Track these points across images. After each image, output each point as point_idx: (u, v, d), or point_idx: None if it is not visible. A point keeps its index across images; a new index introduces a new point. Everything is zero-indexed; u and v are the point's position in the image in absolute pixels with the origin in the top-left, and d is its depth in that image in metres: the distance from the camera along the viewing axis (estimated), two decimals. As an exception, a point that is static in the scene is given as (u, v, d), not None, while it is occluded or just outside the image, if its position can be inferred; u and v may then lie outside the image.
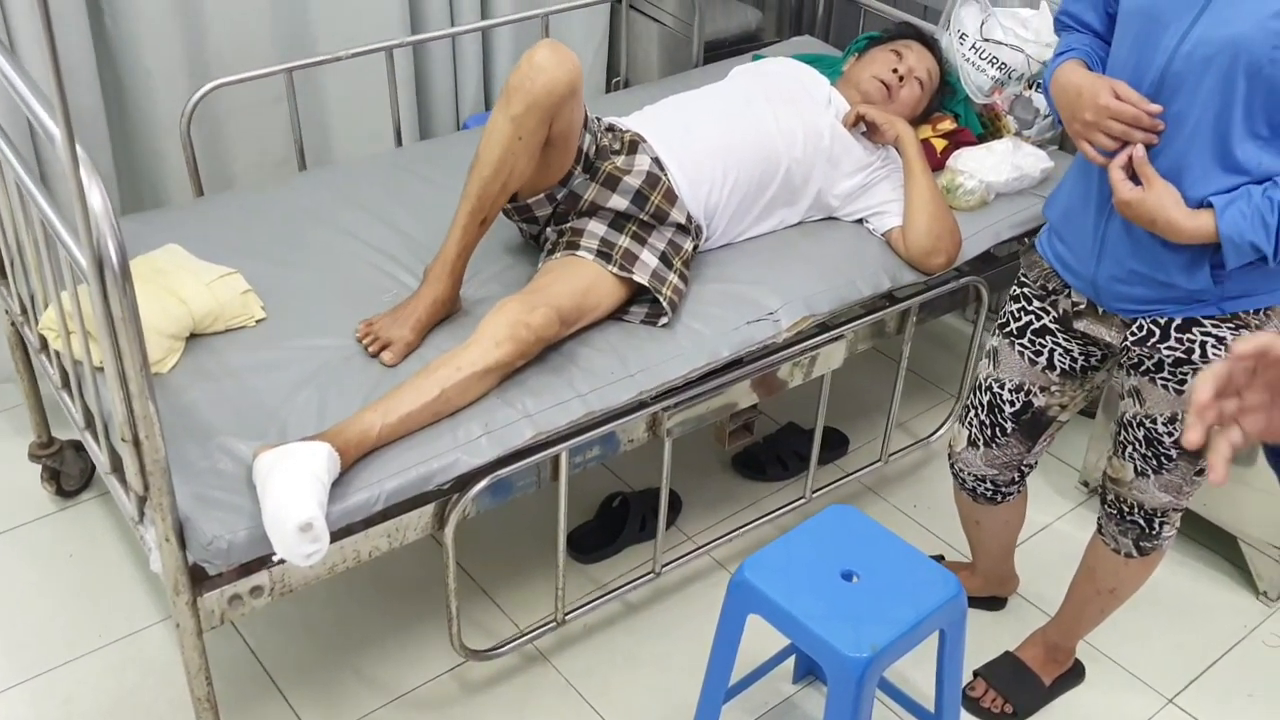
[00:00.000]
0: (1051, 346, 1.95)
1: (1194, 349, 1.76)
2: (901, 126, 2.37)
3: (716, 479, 2.73)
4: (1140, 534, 2.00)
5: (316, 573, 1.82)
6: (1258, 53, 1.52)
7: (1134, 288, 1.77)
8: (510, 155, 1.99)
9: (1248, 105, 1.57)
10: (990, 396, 2.05)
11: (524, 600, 2.39)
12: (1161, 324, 1.78)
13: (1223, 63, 1.55)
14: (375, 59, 2.69)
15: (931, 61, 2.55)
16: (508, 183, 2.02)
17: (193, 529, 1.68)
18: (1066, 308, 1.90)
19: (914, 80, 2.50)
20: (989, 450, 2.09)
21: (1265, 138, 1.59)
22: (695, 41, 3.14)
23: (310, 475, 1.64)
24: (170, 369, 1.95)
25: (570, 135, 2.09)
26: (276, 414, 1.88)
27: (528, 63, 1.96)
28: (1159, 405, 1.85)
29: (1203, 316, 1.75)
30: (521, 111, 1.96)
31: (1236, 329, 1.73)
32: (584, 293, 2.05)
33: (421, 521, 1.90)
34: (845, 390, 2.79)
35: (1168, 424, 1.85)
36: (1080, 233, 1.82)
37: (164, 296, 1.97)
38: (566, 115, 2.03)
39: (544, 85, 1.95)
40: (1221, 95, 1.57)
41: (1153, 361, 1.82)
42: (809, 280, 2.27)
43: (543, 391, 1.97)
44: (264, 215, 2.36)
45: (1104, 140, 1.66)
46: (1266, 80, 1.54)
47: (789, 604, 1.76)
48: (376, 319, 2.05)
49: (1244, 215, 1.58)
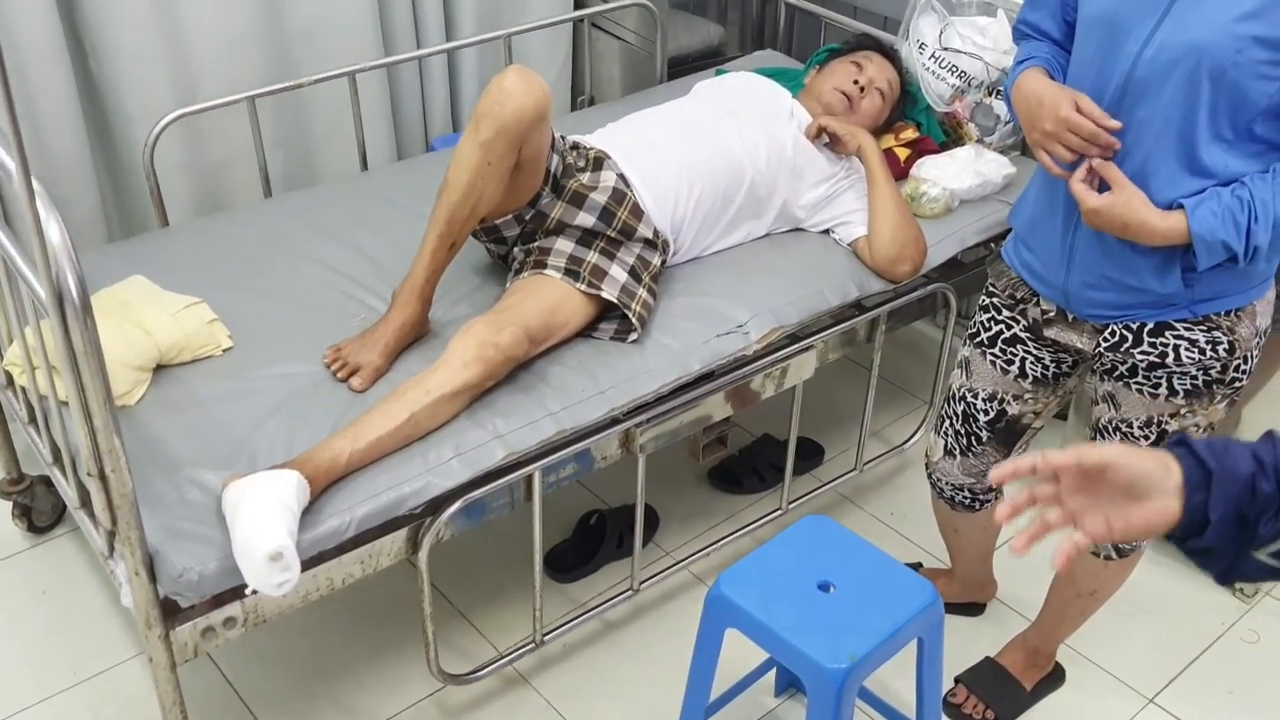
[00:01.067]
0: (1023, 355, 1.95)
1: (1167, 353, 1.77)
2: (863, 137, 2.39)
3: (693, 493, 2.73)
4: None
5: (290, 602, 1.80)
6: (1221, 57, 1.53)
7: (1106, 294, 1.77)
8: (480, 180, 1.99)
9: (1212, 109, 1.57)
10: (964, 406, 2.05)
11: (502, 622, 2.38)
12: (1134, 329, 1.78)
13: (1186, 67, 1.56)
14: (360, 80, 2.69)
15: (892, 72, 2.57)
16: (477, 207, 2.02)
17: (163, 562, 1.66)
18: (1036, 316, 1.90)
19: (875, 91, 2.52)
20: (965, 459, 2.09)
21: (1229, 140, 1.60)
22: (659, 58, 3.15)
23: (279, 504, 1.63)
24: (137, 401, 1.94)
25: (539, 158, 2.09)
26: (245, 443, 1.86)
27: (497, 89, 1.96)
28: (1134, 410, 1.85)
29: (1174, 320, 1.75)
30: (491, 137, 1.96)
31: (1209, 330, 1.74)
32: (552, 311, 2.04)
33: (395, 546, 1.89)
34: (818, 400, 2.80)
35: (1144, 428, 1.86)
36: (1048, 241, 1.82)
37: (129, 329, 1.96)
38: (535, 140, 2.03)
39: (513, 111, 1.95)
40: (1186, 100, 1.58)
41: (1126, 366, 1.82)
42: (777, 292, 2.28)
43: (513, 411, 1.96)
44: (230, 243, 2.35)
45: (1062, 152, 1.67)
46: (1230, 84, 1.54)
47: (766, 617, 1.76)
48: (344, 344, 2.04)
49: (1215, 214, 1.59)
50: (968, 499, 2.15)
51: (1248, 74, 1.53)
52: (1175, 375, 1.79)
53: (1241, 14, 1.52)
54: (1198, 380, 1.78)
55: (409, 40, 3.01)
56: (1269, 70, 1.53)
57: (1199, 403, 1.81)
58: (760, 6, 3.34)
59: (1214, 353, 1.75)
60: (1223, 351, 1.75)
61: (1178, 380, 1.79)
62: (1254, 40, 1.51)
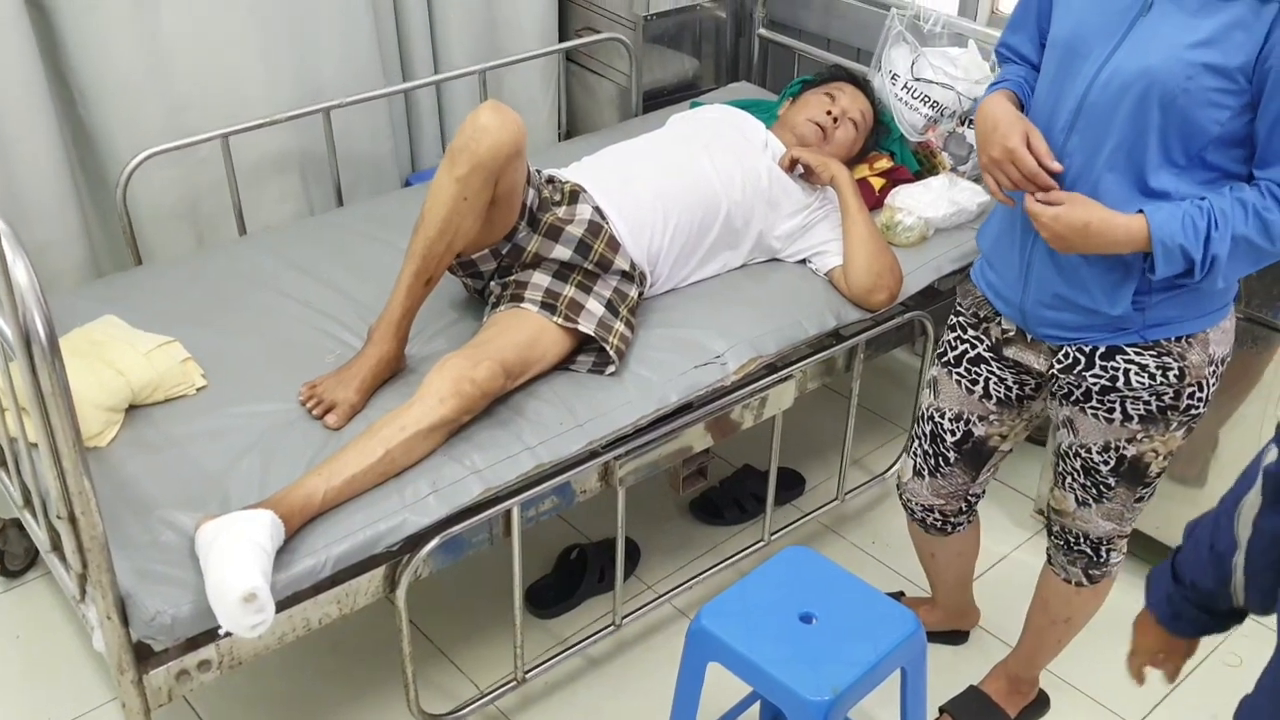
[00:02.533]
0: (986, 375, 1.95)
1: (1118, 376, 1.77)
2: (836, 168, 2.40)
3: (674, 526, 2.72)
4: (1089, 562, 2.00)
5: (266, 643, 1.78)
6: (1171, 84, 1.55)
7: (1060, 313, 1.78)
8: (455, 216, 1.99)
9: (1163, 134, 1.59)
10: (932, 426, 2.06)
11: (483, 660, 2.35)
12: (1086, 352, 1.79)
13: (1137, 93, 1.58)
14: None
15: (864, 102, 2.59)
16: (453, 242, 2.02)
17: (135, 605, 1.64)
18: (998, 335, 1.91)
19: (848, 121, 2.53)
20: (934, 480, 2.09)
21: (1182, 166, 1.61)
22: (634, 91, 3.16)
23: (252, 544, 1.61)
24: (109, 442, 1.92)
25: (515, 193, 2.09)
26: (219, 483, 1.84)
27: (472, 124, 1.97)
28: (1091, 435, 1.86)
29: (1125, 344, 1.76)
30: (467, 173, 1.96)
31: (1159, 356, 1.75)
32: (528, 345, 2.04)
33: (372, 585, 1.87)
34: (798, 430, 2.79)
35: (1102, 453, 1.86)
36: (1008, 259, 1.84)
37: (100, 369, 1.94)
38: (511, 175, 2.03)
39: (489, 147, 1.95)
40: (1136, 124, 1.60)
41: (1080, 390, 1.83)
42: (755, 322, 2.27)
43: (490, 446, 1.95)
44: (203, 281, 2.34)
45: (1003, 180, 1.69)
46: (1180, 111, 1.56)
47: (748, 650, 1.74)
48: (320, 381, 2.03)
49: (1175, 218, 1.59)
50: (939, 521, 2.15)
51: (1198, 101, 1.55)
52: (1128, 400, 1.79)
53: (1194, 41, 1.54)
54: (1151, 406, 1.79)
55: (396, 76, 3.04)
56: (1219, 98, 1.54)
57: (1155, 429, 1.81)
58: (734, 39, 3.36)
59: (1164, 379, 1.76)
60: (1173, 378, 1.76)
61: (1131, 405, 1.79)
62: (1204, 68, 1.53)
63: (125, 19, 2.54)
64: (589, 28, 3.26)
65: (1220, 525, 1.28)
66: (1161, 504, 2.47)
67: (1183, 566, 1.36)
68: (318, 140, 2.77)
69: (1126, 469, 1.86)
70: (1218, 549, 1.28)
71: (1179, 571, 1.37)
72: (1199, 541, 1.33)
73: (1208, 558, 1.30)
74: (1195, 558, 1.33)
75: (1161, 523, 2.50)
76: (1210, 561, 1.30)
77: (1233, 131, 1.58)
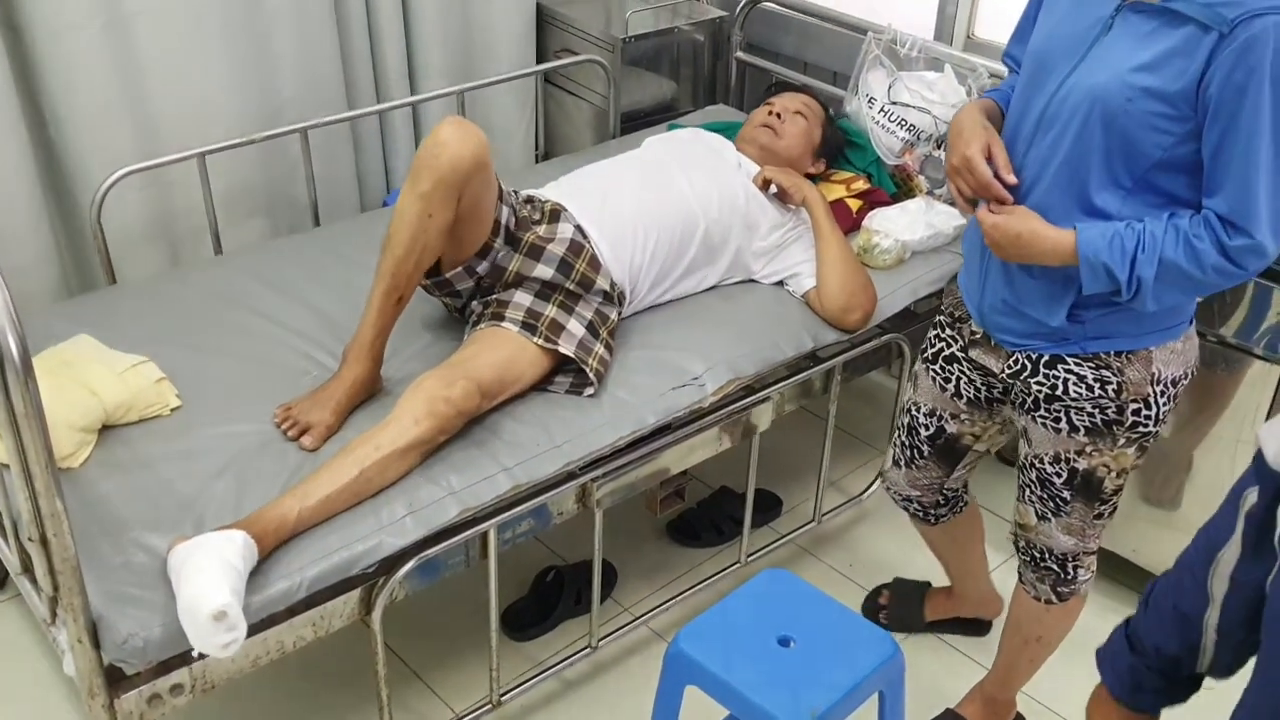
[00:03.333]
0: (958, 374, 1.99)
1: (1058, 385, 1.81)
2: (809, 189, 2.42)
3: (651, 548, 2.71)
4: (1056, 579, 2.02)
5: (239, 666, 1.76)
6: (1113, 104, 1.58)
7: (1007, 318, 1.83)
8: (422, 233, 1.99)
9: (1106, 154, 1.61)
10: (909, 419, 2.11)
11: (459, 683, 2.33)
12: (1033, 359, 1.83)
13: (1084, 111, 1.62)
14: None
15: (803, 99, 2.66)
16: (421, 260, 2.02)
17: (107, 628, 1.62)
18: (968, 335, 1.95)
19: (792, 115, 2.60)
20: (910, 471, 2.14)
21: (1128, 189, 1.63)
22: (612, 113, 3.17)
23: (223, 562, 1.60)
24: (82, 463, 1.90)
25: (480, 207, 2.09)
26: (193, 505, 1.83)
27: (433, 140, 1.97)
28: (1042, 445, 1.89)
29: (1066, 354, 1.79)
30: (429, 189, 1.96)
31: (1096, 369, 1.78)
32: (506, 364, 2.03)
33: (347, 608, 1.86)
34: (776, 452, 2.79)
35: (1054, 464, 1.88)
36: (972, 262, 1.90)
37: (73, 389, 1.92)
38: (474, 189, 2.03)
39: (449, 161, 1.95)
40: (1082, 143, 1.63)
41: (1030, 398, 1.86)
42: (732, 343, 2.28)
43: (467, 467, 1.94)
44: (178, 301, 2.32)
45: (962, 186, 1.73)
46: (1120, 131, 1.58)
47: (725, 673, 1.74)
48: (295, 403, 2.02)
49: (1103, 237, 1.61)
50: (919, 510, 2.20)
51: (1138, 123, 1.57)
52: (1072, 410, 1.82)
53: (1138, 64, 1.56)
54: (1095, 419, 1.81)
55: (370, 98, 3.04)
56: (1161, 123, 1.56)
57: (1102, 443, 1.83)
58: (712, 62, 3.38)
59: (1103, 391, 1.78)
60: (1111, 392, 1.78)
61: (1075, 416, 1.82)
62: (1144, 91, 1.55)
63: (96, 42, 2.53)
64: (567, 49, 3.27)
65: (1185, 585, 1.21)
66: (1137, 526, 2.49)
67: (1142, 633, 1.29)
68: (294, 161, 2.77)
69: (1080, 483, 1.88)
70: (1182, 609, 1.22)
71: (1138, 640, 1.30)
72: (1159, 605, 1.27)
73: (1171, 619, 1.24)
74: (1157, 621, 1.26)
75: (1138, 545, 2.51)
76: (1175, 622, 1.23)
77: (1180, 157, 1.58)
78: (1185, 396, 1.89)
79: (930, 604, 2.51)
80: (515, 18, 3.19)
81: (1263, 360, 2.23)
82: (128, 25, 2.56)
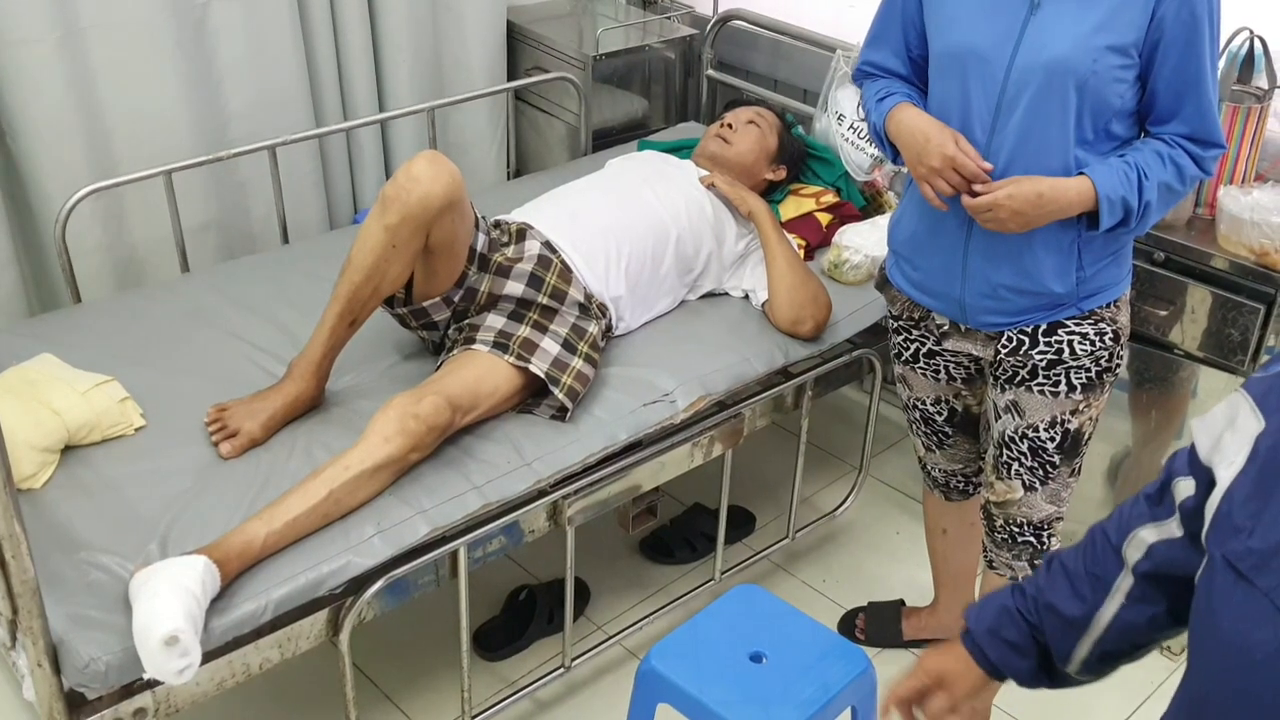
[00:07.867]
0: (943, 363, 2.04)
1: (1063, 348, 1.87)
2: (754, 200, 2.44)
3: (624, 565, 2.70)
4: (1034, 551, 2.05)
5: (204, 690, 1.73)
6: (1082, 69, 1.67)
7: (1003, 302, 1.86)
8: (383, 262, 1.98)
9: (1079, 115, 1.71)
10: (919, 413, 2.15)
11: (430, 704, 2.31)
12: (1029, 332, 1.87)
13: (1051, 83, 1.69)
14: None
15: (756, 109, 2.67)
16: (379, 287, 2.01)
17: (68, 651, 1.59)
18: (935, 330, 1.99)
19: (744, 124, 2.61)
20: (945, 451, 2.18)
21: (1090, 141, 1.74)
22: (583, 131, 3.17)
23: (179, 588, 1.57)
24: (44, 484, 1.87)
25: (454, 242, 2.07)
26: (156, 526, 1.80)
27: (405, 174, 1.95)
28: (1038, 412, 1.92)
29: (1065, 319, 1.85)
30: (396, 222, 1.95)
31: (1096, 324, 1.85)
32: (477, 380, 2.02)
33: (315, 629, 1.83)
34: (748, 468, 2.79)
35: (1049, 429, 1.92)
36: (939, 257, 1.90)
37: (35, 408, 1.89)
38: (447, 225, 2.02)
39: (419, 198, 1.94)
40: (1056, 112, 1.70)
41: (1026, 370, 1.90)
42: (703, 360, 2.27)
43: (437, 486, 1.92)
44: (144, 319, 2.30)
45: (944, 187, 1.77)
46: (1093, 91, 1.69)
47: (697, 691, 1.73)
48: (230, 405, 2.00)
49: (1113, 173, 1.71)
50: (960, 483, 2.23)
51: (1105, 80, 1.68)
52: (1072, 370, 1.88)
53: (1092, 27, 1.66)
54: (1091, 373, 1.88)
55: (337, 115, 3.02)
56: (1121, 74, 1.69)
57: (1092, 395, 1.90)
58: (683, 80, 3.39)
59: (1102, 343, 1.86)
60: (1109, 340, 1.87)
61: (1074, 375, 1.88)
62: (1107, 49, 1.67)
63: (52, 55, 2.51)
64: (538, 67, 3.27)
65: (1098, 548, 1.20)
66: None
67: (1037, 590, 1.24)
68: (261, 178, 2.75)
69: (1069, 443, 1.94)
70: (1094, 570, 1.19)
71: (1030, 595, 1.25)
72: (1067, 566, 1.22)
73: (1083, 579, 1.20)
74: (1063, 579, 1.22)
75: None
76: (1085, 582, 1.19)
77: (1130, 102, 1.73)
78: (1153, 408, 1.93)
79: (909, 623, 2.50)
80: (486, 35, 3.19)
81: (1226, 371, 2.27)
82: (82, 37, 2.54)
